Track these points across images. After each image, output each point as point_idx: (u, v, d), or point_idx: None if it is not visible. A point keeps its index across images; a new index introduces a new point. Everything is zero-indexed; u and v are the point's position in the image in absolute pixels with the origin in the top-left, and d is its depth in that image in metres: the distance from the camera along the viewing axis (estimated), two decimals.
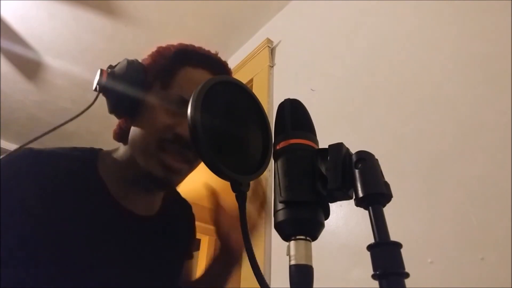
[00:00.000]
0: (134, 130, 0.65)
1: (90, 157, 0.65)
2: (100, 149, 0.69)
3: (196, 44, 0.69)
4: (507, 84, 0.79)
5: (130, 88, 0.62)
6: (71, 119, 0.62)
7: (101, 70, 0.63)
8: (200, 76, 0.65)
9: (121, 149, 0.68)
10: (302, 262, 0.32)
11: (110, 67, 0.65)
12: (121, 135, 0.68)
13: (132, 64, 0.64)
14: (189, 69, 0.65)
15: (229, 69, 0.71)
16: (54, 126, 0.59)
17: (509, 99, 0.77)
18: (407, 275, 0.28)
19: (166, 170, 0.61)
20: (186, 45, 0.67)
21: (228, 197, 0.68)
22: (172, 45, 0.67)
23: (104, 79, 0.62)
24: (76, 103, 2.45)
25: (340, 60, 1.30)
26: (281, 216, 0.35)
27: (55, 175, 0.57)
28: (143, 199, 0.68)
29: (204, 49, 0.68)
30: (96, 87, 0.62)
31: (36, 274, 0.50)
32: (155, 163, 0.61)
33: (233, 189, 0.40)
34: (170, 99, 0.62)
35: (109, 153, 0.69)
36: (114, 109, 0.64)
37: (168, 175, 0.62)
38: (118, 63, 0.66)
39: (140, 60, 0.67)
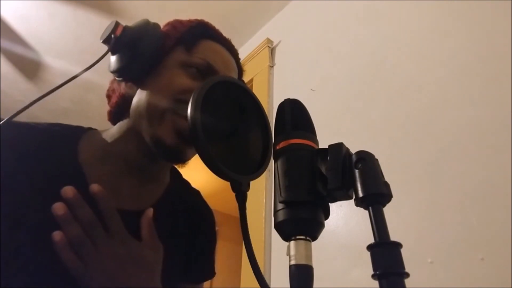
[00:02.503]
0: (141, 94, 0.58)
1: (71, 134, 0.58)
2: (90, 128, 0.62)
3: None
4: (507, 84, 0.79)
5: (149, 47, 0.56)
6: (74, 77, 0.54)
7: (116, 22, 0.55)
8: (222, 52, 0.62)
9: (116, 125, 0.61)
10: (302, 262, 0.32)
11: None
12: (121, 109, 0.61)
13: (152, 24, 0.58)
14: (210, 41, 0.61)
15: (239, 58, 0.68)
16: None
17: (509, 99, 0.77)
18: (407, 275, 0.28)
19: (180, 137, 0.54)
20: (207, 22, 0.64)
21: (228, 197, 0.67)
22: (192, 19, 0.64)
23: (119, 32, 0.54)
24: (76, 103, 2.45)
25: (340, 60, 1.30)
26: (281, 216, 0.35)
27: (27, 150, 0.51)
28: (135, 188, 0.58)
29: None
30: (107, 39, 0.54)
31: None
32: (168, 127, 0.54)
33: (233, 189, 0.40)
34: (195, 62, 0.57)
35: (99, 132, 0.62)
36: (123, 68, 0.55)
37: (181, 143, 0.54)
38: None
39: None
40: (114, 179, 0.57)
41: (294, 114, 0.40)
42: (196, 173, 0.73)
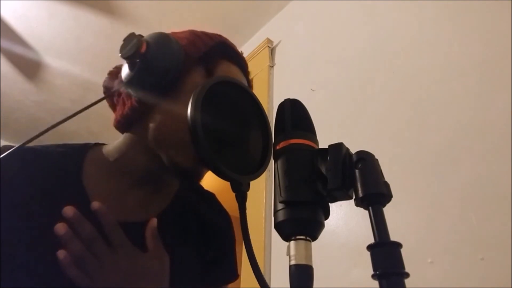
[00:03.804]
0: (159, 116, 0.55)
1: (75, 154, 0.57)
2: (96, 144, 0.62)
3: None
4: (507, 84, 0.79)
5: (170, 66, 0.53)
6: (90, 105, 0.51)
7: (140, 40, 0.51)
8: (238, 74, 0.60)
9: (124, 138, 0.60)
10: (302, 262, 0.32)
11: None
12: (130, 121, 0.58)
13: (173, 41, 0.54)
14: (227, 62, 0.59)
15: (249, 72, 0.66)
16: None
17: (509, 99, 0.77)
18: (407, 275, 0.28)
19: (198, 162, 0.53)
20: (225, 38, 0.62)
21: (228, 197, 0.66)
22: (210, 33, 0.61)
23: (144, 49, 0.51)
24: (76, 103, 2.45)
25: (340, 60, 1.30)
26: (281, 216, 0.35)
27: (33, 175, 0.52)
28: (141, 199, 0.58)
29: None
30: (132, 56, 0.51)
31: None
32: (187, 153, 0.52)
33: (233, 189, 0.40)
34: None
35: (105, 146, 0.61)
36: (143, 85, 0.53)
37: (200, 168, 0.54)
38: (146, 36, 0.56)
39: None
40: (119, 194, 0.56)
41: (294, 114, 0.40)
42: None
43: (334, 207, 0.40)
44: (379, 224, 0.30)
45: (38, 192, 0.51)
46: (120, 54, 0.51)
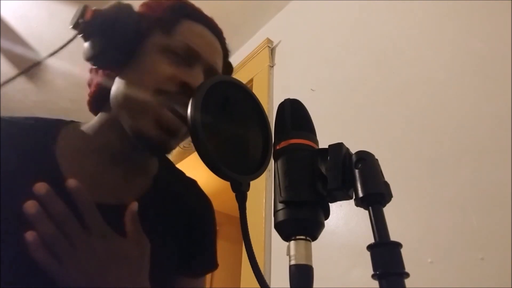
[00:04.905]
0: (120, 84, 0.54)
1: (47, 128, 0.55)
2: (72, 121, 0.60)
3: None
4: (507, 84, 0.79)
5: (123, 31, 0.51)
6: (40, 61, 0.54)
7: (85, 6, 0.49)
8: (205, 33, 0.59)
9: (97, 116, 0.58)
10: (302, 262, 0.32)
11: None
12: (99, 98, 0.57)
13: (125, 6, 0.53)
14: (191, 22, 0.58)
15: (224, 38, 0.64)
16: None
17: (509, 99, 0.77)
18: (407, 275, 0.28)
19: (162, 128, 0.51)
20: (187, 0, 0.61)
21: (228, 197, 0.66)
22: None
23: (89, 16, 0.49)
24: (76, 103, 2.45)
25: (340, 60, 1.30)
26: (281, 216, 0.35)
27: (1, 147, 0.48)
28: (119, 181, 0.55)
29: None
30: (76, 25, 0.49)
31: None
32: (149, 120, 0.51)
33: (233, 189, 0.40)
34: (175, 47, 0.54)
35: (81, 124, 0.59)
36: (98, 55, 0.51)
37: (164, 135, 0.52)
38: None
39: None
40: (95, 173, 0.54)
41: (294, 114, 0.40)
42: (196, 173, 0.73)
43: (334, 207, 0.40)
44: (379, 224, 0.30)
45: (7, 166, 0.47)
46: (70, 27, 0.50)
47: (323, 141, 0.40)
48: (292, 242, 0.33)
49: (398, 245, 0.29)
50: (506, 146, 0.74)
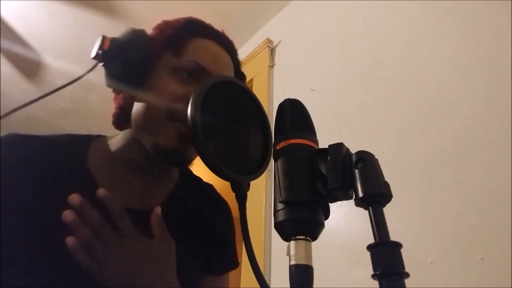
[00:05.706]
0: (137, 106, 0.58)
1: (80, 142, 0.60)
2: (99, 135, 0.64)
3: None
4: (507, 84, 0.79)
5: (137, 56, 0.56)
6: (58, 89, 0.59)
7: (103, 37, 0.55)
8: (214, 48, 0.61)
9: (122, 133, 0.62)
10: (302, 262, 0.32)
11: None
12: (121, 118, 0.62)
13: (138, 32, 0.57)
14: (202, 39, 0.60)
15: (235, 49, 0.66)
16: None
17: (509, 99, 0.77)
18: (407, 275, 0.28)
19: (180, 138, 0.54)
20: (196, 18, 0.64)
21: (228, 197, 0.66)
22: (180, 18, 0.63)
23: (106, 46, 0.55)
24: (76, 103, 2.45)
25: (340, 60, 1.30)
26: (281, 216, 0.35)
27: (37, 161, 0.53)
28: (143, 188, 0.60)
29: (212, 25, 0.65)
30: (96, 56, 0.55)
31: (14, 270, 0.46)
32: (166, 133, 0.54)
33: (233, 189, 0.40)
34: (184, 66, 0.57)
35: (107, 138, 0.63)
36: (115, 80, 0.56)
37: (182, 145, 0.54)
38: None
39: None
40: (122, 182, 0.58)
41: (294, 114, 0.40)
42: (196, 173, 0.74)
43: (334, 207, 0.40)
44: (379, 224, 0.30)
45: (47, 179, 0.52)
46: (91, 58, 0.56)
47: (323, 141, 0.40)
48: (292, 242, 0.33)
49: (398, 245, 0.29)
50: (506, 146, 0.74)
